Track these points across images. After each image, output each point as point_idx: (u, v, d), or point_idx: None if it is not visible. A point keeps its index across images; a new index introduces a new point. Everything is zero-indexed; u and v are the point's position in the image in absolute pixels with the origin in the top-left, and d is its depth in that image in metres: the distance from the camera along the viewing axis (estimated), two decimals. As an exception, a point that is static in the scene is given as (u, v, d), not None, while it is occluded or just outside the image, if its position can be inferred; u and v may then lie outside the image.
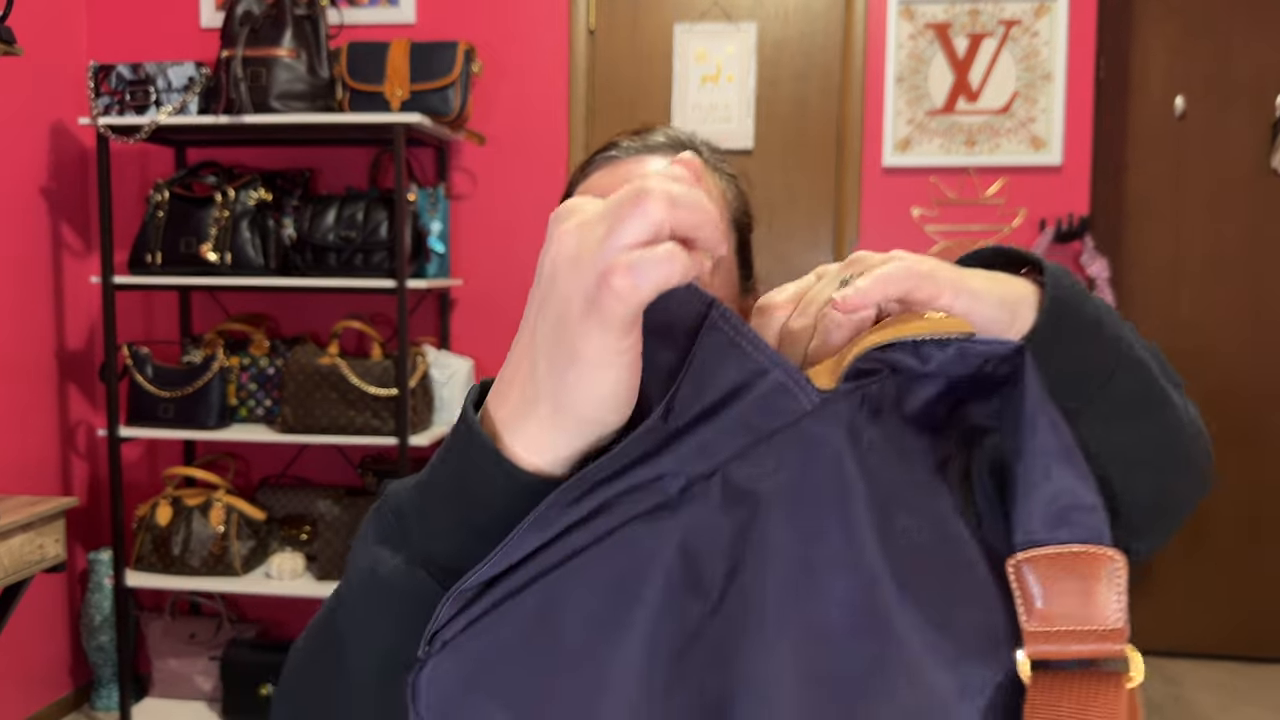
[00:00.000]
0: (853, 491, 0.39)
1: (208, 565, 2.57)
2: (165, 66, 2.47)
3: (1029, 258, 0.52)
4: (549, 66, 2.79)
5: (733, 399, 0.39)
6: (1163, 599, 3.16)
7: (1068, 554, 0.38)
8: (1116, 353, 0.51)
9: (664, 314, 0.41)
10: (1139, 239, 3.08)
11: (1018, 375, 0.41)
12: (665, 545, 0.38)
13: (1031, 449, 0.40)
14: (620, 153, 0.77)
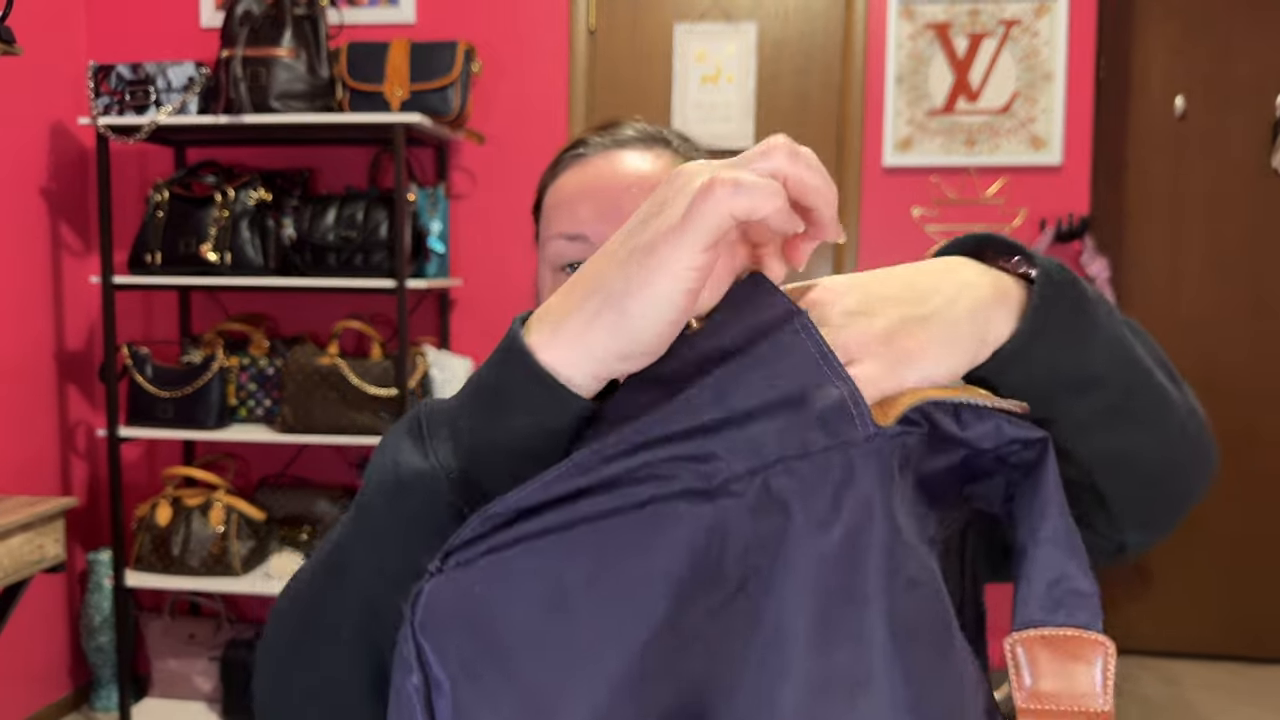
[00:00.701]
0: (874, 536, 0.40)
1: (207, 565, 2.57)
2: (165, 66, 2.47)
3: (1018, 248, 0.50)
4: (549, 66, 2.79)
5: (797, 405, 0.40)
6: (1163, 599, 3.16)
7: (1062, 637, 0.41)
8: (1109, 356, 0.50)
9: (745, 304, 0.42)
10: (1139, 239, 3.08)
11: (1038, 462, 0.44)
12: (696, 530, 0.39)
13: (1040, 536, 0.42)
14: (589, 149, 0.76)
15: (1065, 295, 0.48)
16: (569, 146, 0.78)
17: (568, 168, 0.76)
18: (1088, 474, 0.52)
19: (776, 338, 0.41)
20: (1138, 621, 3.17)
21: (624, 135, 0.76)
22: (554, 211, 0.75)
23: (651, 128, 0.78)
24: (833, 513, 0.40)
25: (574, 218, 0.72)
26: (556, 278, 0.74)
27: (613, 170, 0.73)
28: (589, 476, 0.39)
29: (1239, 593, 3.14)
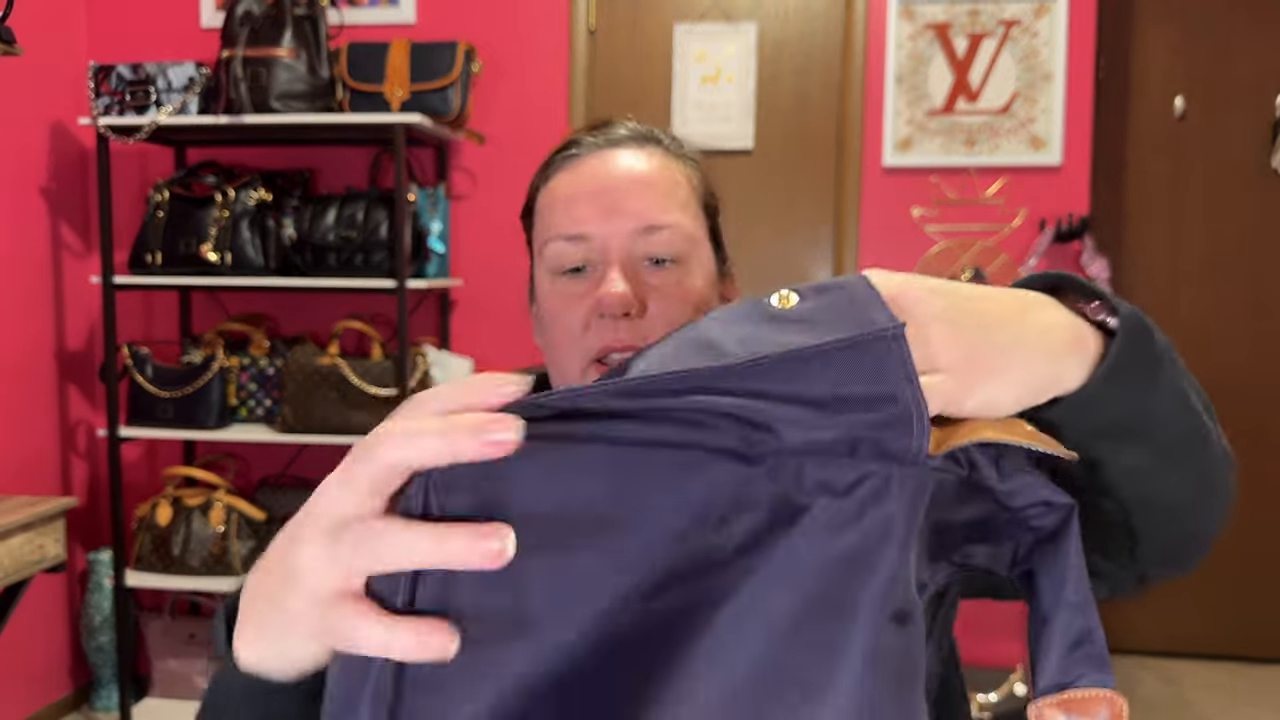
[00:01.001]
0: (883, 559, 0.41)
1: (207, 565, 2.57)
2: (165, 66, 2.47)
3: (1099, 293, 0.50)
4: (549, 66, 2.80)
5: (864, 409, 0.40)
6: (1163, 599, 3.17)
7: (1079, 699, 0.43)
8: (1169, 408, 0.50)
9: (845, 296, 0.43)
10: (1138, 239, 3.08)
11: (1062, 528, 0.45)
12: (722, 489, 0.39)
13: (1063, 602, 0.44)
14: (582, 150, 0.74)
15: (1141, 352, 0.48)
16: (560, 148, 0.76)
17: (560, 169, 0.75)
18: (1125, 514, 0.53)
19: (870, 340, 0.40)
20: (1138, 621, 3.17)
21: (616, 134, 0.75)
22: (550, 213, 0.74)
23: (643, 127, 0.77)
24: (852, 521, 0.40)
25: (572, 218, 0.71)
26: (556, 282, 0.72)
27: (608, 169, 0.72)
28: (647, 401, 0.39)
29: (1239, 593, 3.14)
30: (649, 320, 0.69)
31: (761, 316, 0.43)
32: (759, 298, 0.45)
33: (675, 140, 0.77)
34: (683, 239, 0.71)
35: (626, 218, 0.70)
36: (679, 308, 0.70)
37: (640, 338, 0.68)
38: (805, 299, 0.43)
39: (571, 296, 0.71)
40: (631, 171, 0.72)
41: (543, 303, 0.74)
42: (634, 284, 0.69)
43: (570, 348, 0.71)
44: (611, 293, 0.67)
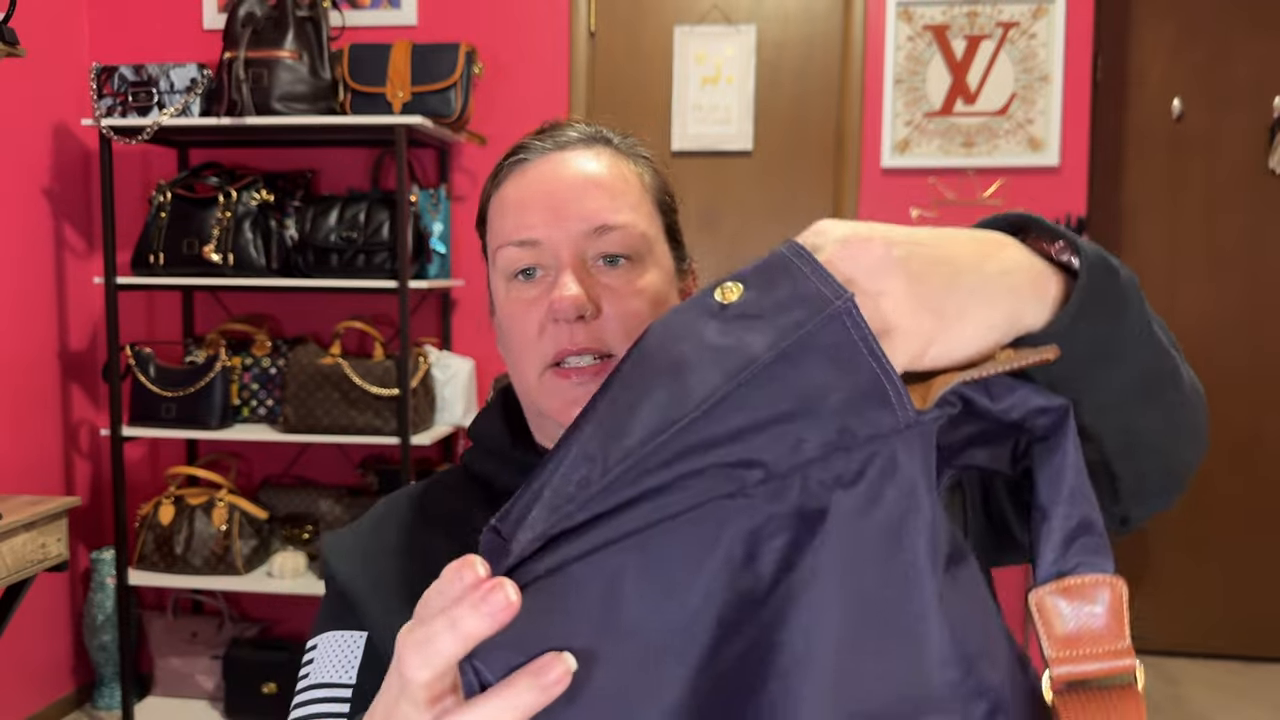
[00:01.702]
0: (920, 519, 0.41)
1: (210, 564, 2.58)
2: (168, 68, 2.48)
3: (1062, 233, 0.50)
4: (549, 68, 2.81)
5: (838, 397, 0.40)
6: (1163, 599, 3.17)
7: (1079, 584, 0.44)
8: (1136, 343, 0.51)
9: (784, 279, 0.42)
10: (1136, 240, 3.09)
11: (1058, 427, 0.46)
12: (731, 532, 0.39)
13: (1063, 495, 0.45)
14: (530, 155, 0.73)
15: (1107, 290, 0.48)
16: (509, 154, 0.75)
17: (510, 175, 0.73)
18: (1103, 455, 0.53)
19: (820, 323, 0.40)
20: (1138, 620, 3.16)
21: (565, 137, 0.73)
22: (501, 220, 0.72)
23: (591, 127, 0.76)
24: (874, 501, 0.40)
25: (523, 223, 0.70)
26: (510, 285, 0.71)
27: (556, 172, 0.71)
28: (629, 489, 0.38)
29: (1239, 592, 3.15)
30: (604, 321, 0.68)
31: (708, 314, 0.42)
32: (705, 292, 0.44)
33: (626, 139, 0.76)
34: (636, 238, 0.70)
35: (576, 220, 0.69)
36: (634, 306, 0.69)
37: (595, 339, 0.68)
38: (749, 287, 0.42)
39: (525, 302, 0.70)
40: (581, 173, 0.71)
41: (500, 308, 0.73)
42: (587, 286, 0.68)
43: (527, 354, 0.70)
44: (564, 296, 0.66)
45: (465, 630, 0.37)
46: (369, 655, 0.70)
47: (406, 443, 2.47)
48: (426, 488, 0.81)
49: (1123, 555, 3.19)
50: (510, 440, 0.76)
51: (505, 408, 0.79)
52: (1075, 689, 0.43)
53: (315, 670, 0.71)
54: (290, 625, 2.98)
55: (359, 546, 0.76)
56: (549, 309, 0.68)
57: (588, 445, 0.40)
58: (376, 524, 0.78)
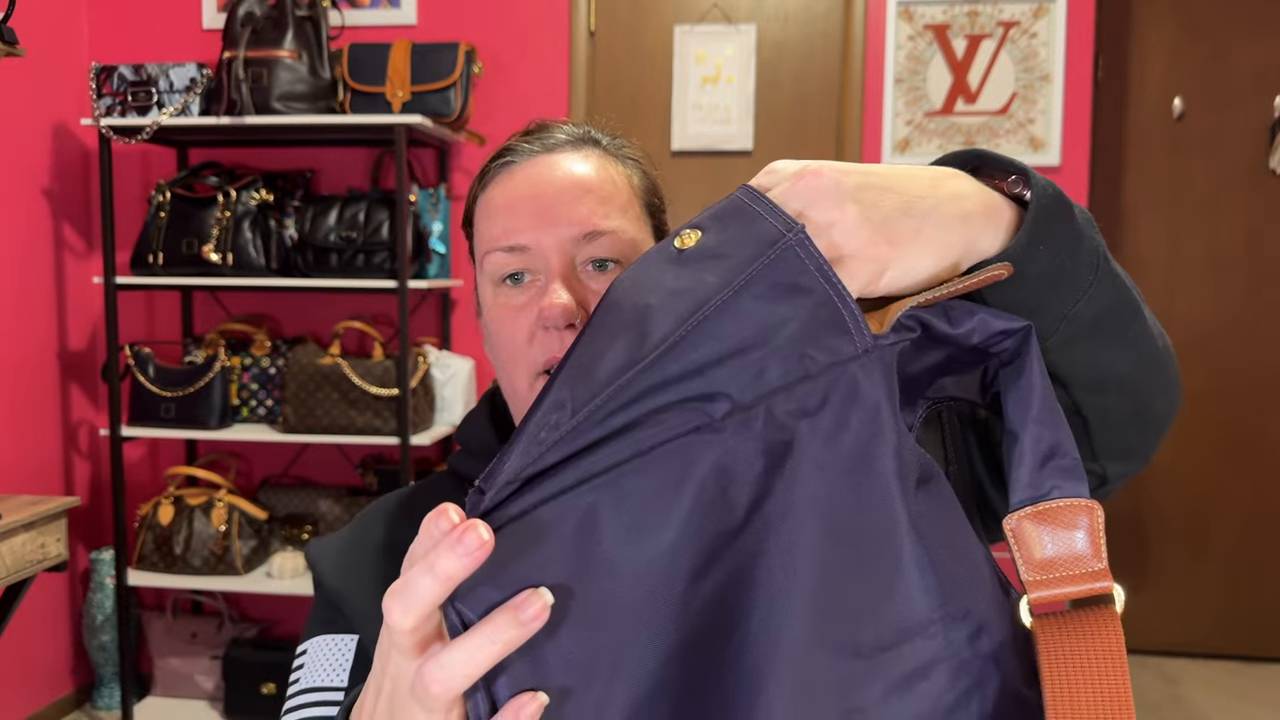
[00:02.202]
0: (885, 442, 0.42)
1: (209, 564, 2.58)
2: (167, 67, 2.48)
3: (1016, 167, 0.51)
4: (549, 67, 2.81)
5: (796, 326, 0.41)
6: (1162, 598, 3.17)
7: (1054, 508, 0.44)
8: (1094, 267, 0.51)
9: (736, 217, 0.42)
10: (1137, 239, 3.09)
11: (1021, 349, 0.46)
12: (701, 466, 0.40)
13: (1030, 417, 0.45)
14: (518, 157, 0.72)
15: (1059, 219, 0.49)
16: (496, 156, 0.74)
17: (496, 177, 0.72)
18: (1072, 400, 0.54)
19: (773, 256, 0.41)
20: (1137, 620, 3.18)
21: (553, 139, 0.73)
22: (488, 224, 0.71)
23: (580, 128, 0.74)
24: (840, 427, 0.41)
25: (510, 228, 0.69)
26: (498, 291, 0.70)
27: (544, 176, 0.70)
28: (597, 429, 0.39)
29: (1238, 591, 3.15)
30: None
31: (669, 261, 0.43)
32: (666, 241, 0.45)
33: (615, 140, 0.75)
34: (625, 242, 0.70)
35: (565, 225, 0.68)
36: None
37: None
38: (705, 231, 0.43)
39: (514, 308, 0.69)
40: (569, 176, 0.70)
41: (488, 313, 0.72)
42: (576, 292, 0.67)
43: (516, 360, 0.69)
44: (554, 304, 0.66)
45: (443, 572, 0.37)
46: (360, 658, 0.70)
47: (406, 443, 2.46)
48: (412, 492, 0.81)
49: (1123, 555, 3.19)
50: (498, 443, 0.76)
51: (493, 411, 0.79)
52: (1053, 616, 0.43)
53: (306, 674, 0.71)
54: (290, 625, 2.98)
55: (344, 552, 0.76)
56: (539, 316, 0.67)
57: (559, 393, 0.41)
58: (362, 529, 0.78)
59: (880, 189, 0.45)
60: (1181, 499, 3.15)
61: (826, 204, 0.43)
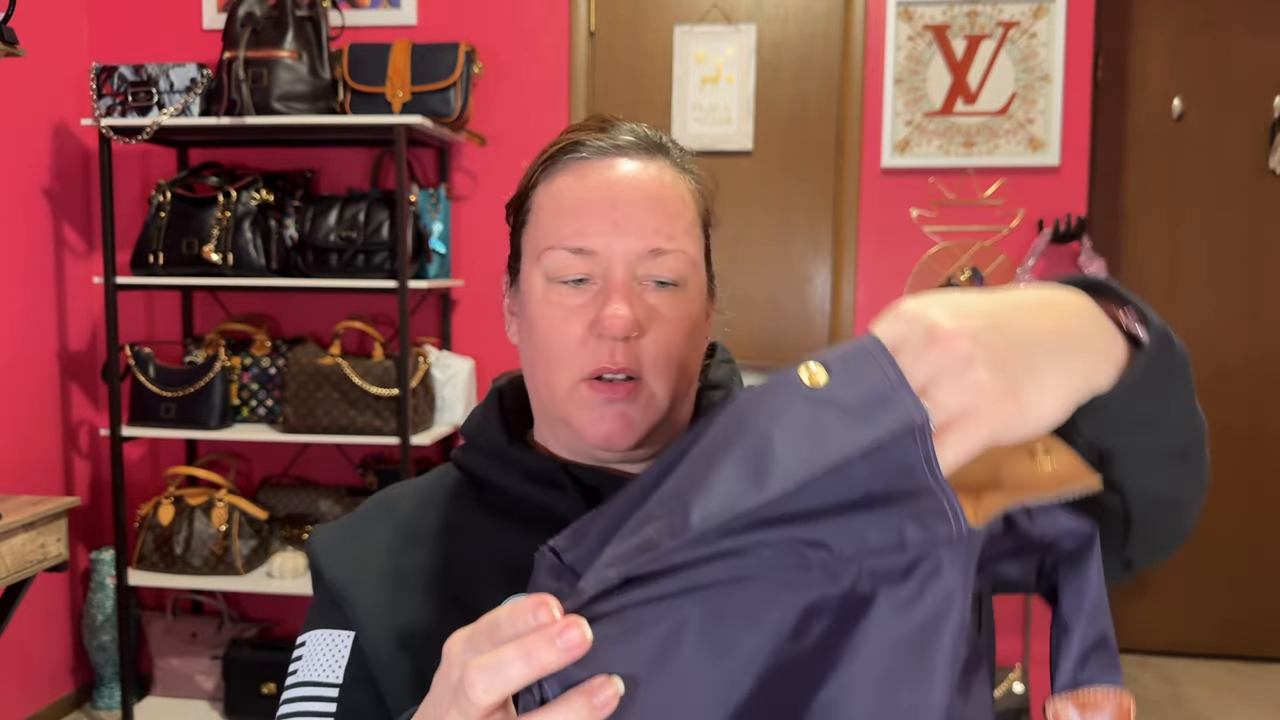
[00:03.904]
0: (950, 623, 0.45)
1: (209, 564, 2.58)
2: (167, 68, 2.48)
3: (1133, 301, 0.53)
4: (549, 68, 2.81)
5: (900, 501, 0.44)
6: (1162, 599, 3.17)
7: (1091, 694, 0.49)
8: (1182, 413, 0.55)
9: (865, 388, 0.45)
10: (1136, 240, 3.09)
11: (1084, 550, 0.51)
12: (790, 603, 0.44)
13: (1084, 612, 0.50)
14: (588, 153, 0.71)
15: (1168, 364, 0.52)
16: (563, 146, 0.73)
17: (565, 170, 0.72)
18: (1126, 506, 0.57)
19: (895, 435, 0.43)
20: (1138, 621, 3.18)
21: (623, 140, 0.72)
22: (554, 218, 0.71)
23: (651, 132, 0.74)
24: (916, 599, 0.44)
25: (579, 230, 0.69)
26: (551, 289, 0.70)
27: (617, 181, 0.70)
28: (707, 548, 0.42)
29: (1238, 592, 3.15)
30: (644, 344, 0.69)
31: (795, 394, 0.45)
32: (788, 371, 0.46)
33: (680, 151, 0.76)
34: (685, 264, 0.70)
35: (634, 237, 0.68)
36: (673, 333, 0.70)
37: (633, 361, 0.68)
38: (833, 375, 0.45)
39: (568, 309, 0.69)
40: (642, 187, 0.70)
41: (532, 305, 0.72)
42: (635, 306, 0.68)
43: (561, 361, 0.69)
44: (616, 316, 0.66)
45: (538, 662, 0.40)
46: (355, 654, 0.70)
47: (406, 443, 2.47)
48: (416, 486, 0.81)
49: (1123, 555, 3.19)
50: (506, 441, 0.76)
51: (501, 408, 0.79)
52: None
53: (303, 668, 0.72)
54: (290, 625, 2.98)
55: (347, 543, 0.76)
56: (596, 324, 0.68)
57: (670, 500, 0.43)
58: (365, 522, 0.78)
59: (1011, 347, 0.46)
60: (1181, 499, 3.15)
61: (954, 378, 0.44)
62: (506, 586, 0.72)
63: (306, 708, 0.70)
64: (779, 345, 2.86)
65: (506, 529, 0.74)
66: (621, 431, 0.69)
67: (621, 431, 0.69)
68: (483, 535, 0.74)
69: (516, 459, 0.75)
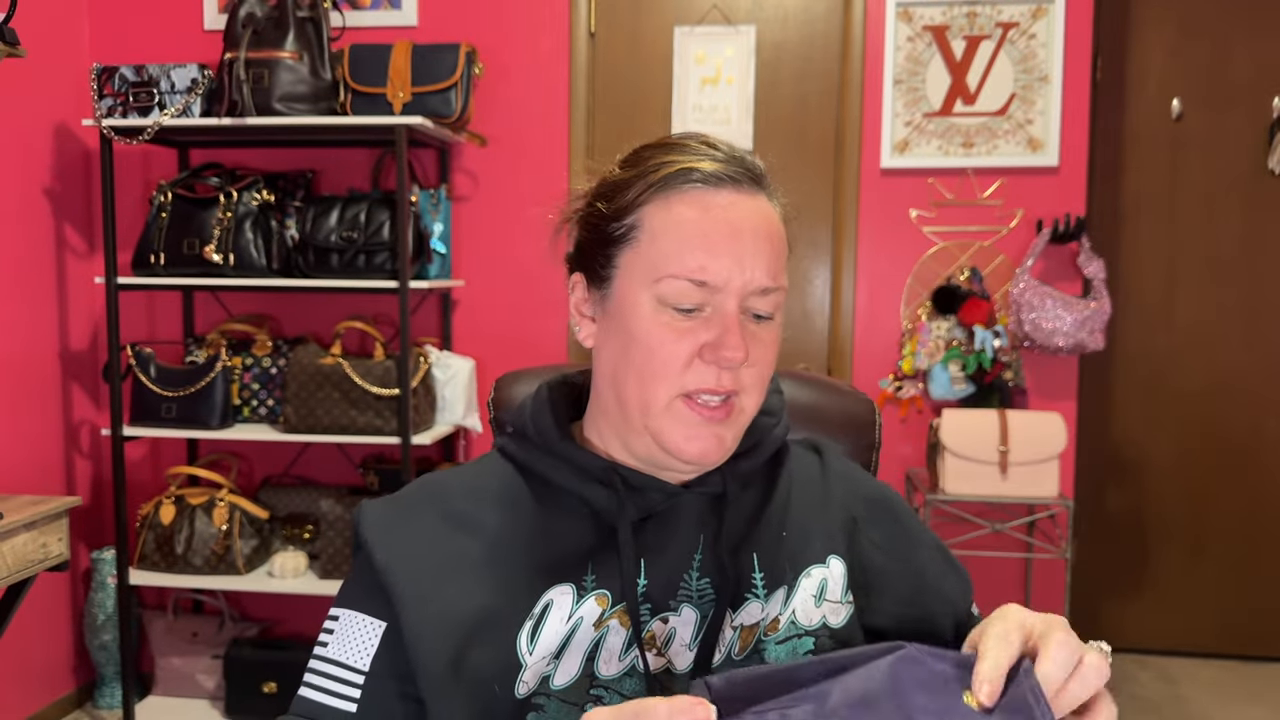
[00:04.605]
0: None
1: (210, 564, 2.59)
2: (168, 68, 2.49)
3: None
4: (550, 68, 2.81)
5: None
6: (1161, 598, 3.18)
7: None
8: None
9: None
10: (1135, 240, 3.09)
11: None
12: None
13: None
14: (704, 181, 0.74)
15: None
16: (670, 164, 0.75)
17: (682, 196, 0.74)
18: None
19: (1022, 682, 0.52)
20: (1136, 620, 3.18)
21: (734, 171, 0.75)
22: (677, 246, 0.73)
23: (750, 160, 0.78)
24: None
25: (705, 264, 0.72)
26: (663, 312, 0.73)
27: (739, 219, 0.73)
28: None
29: (1237, 591, 3.15)
30: (746, 371, 0.74)
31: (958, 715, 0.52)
32: (958, 681, 0.54)
33: (770, 179, 0.79)
34: (782, 300, 0.77)
35: (752, 273, 0.73)
36: (769, 358, 0.76)
37: (736, 385, 0.73)
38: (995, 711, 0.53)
39: (679, 330, 0.73)
40: (760, 227, 0.74)
41: (635, 321, 0.74)
42: (746, 338, 0.73)
43: (663, 379, 0.73)
44: (735, 355, 0.71)
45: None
46: (385, 645, 0.73)
47: (407, 442, 2.47)
48: (462, 472, 0.84)
49: (1123, 555, 3.20)
50: (559, 438, 0.79)
51: (553, 404, 0.82)
52: None
53: (335, 644, 0.75)
54: (291, 625, 2.98)
55: (396, 523, 0.78)
56: (712, 353, 0.72)
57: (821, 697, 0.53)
58: (412, 504, 0.80)
59: None
60: (1181, 499, 3.15)
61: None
62: (547, 574, 0.73)
63: (330, 686, 0.73)
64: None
65: (550, 519, 0.77)
66: (715, 449, 0.74)
67: (715, 449, 0.74)
68: (526, 524, 0.77)
69: (567, 454, 0.78)
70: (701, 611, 0.75)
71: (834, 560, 0.80)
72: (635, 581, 0.74)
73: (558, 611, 0.73)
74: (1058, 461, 2.53)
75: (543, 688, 0.71)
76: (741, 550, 0.77)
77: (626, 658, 0.73)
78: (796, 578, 0.78)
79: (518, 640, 0.72)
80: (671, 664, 0.73)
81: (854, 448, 1.04)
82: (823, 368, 2.89)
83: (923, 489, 2.62)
